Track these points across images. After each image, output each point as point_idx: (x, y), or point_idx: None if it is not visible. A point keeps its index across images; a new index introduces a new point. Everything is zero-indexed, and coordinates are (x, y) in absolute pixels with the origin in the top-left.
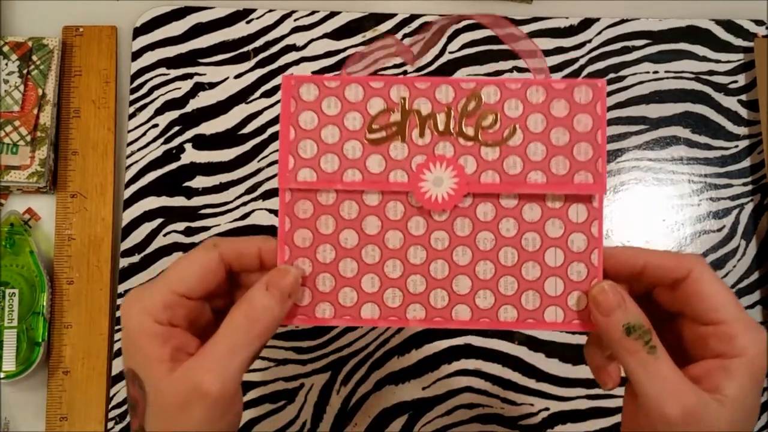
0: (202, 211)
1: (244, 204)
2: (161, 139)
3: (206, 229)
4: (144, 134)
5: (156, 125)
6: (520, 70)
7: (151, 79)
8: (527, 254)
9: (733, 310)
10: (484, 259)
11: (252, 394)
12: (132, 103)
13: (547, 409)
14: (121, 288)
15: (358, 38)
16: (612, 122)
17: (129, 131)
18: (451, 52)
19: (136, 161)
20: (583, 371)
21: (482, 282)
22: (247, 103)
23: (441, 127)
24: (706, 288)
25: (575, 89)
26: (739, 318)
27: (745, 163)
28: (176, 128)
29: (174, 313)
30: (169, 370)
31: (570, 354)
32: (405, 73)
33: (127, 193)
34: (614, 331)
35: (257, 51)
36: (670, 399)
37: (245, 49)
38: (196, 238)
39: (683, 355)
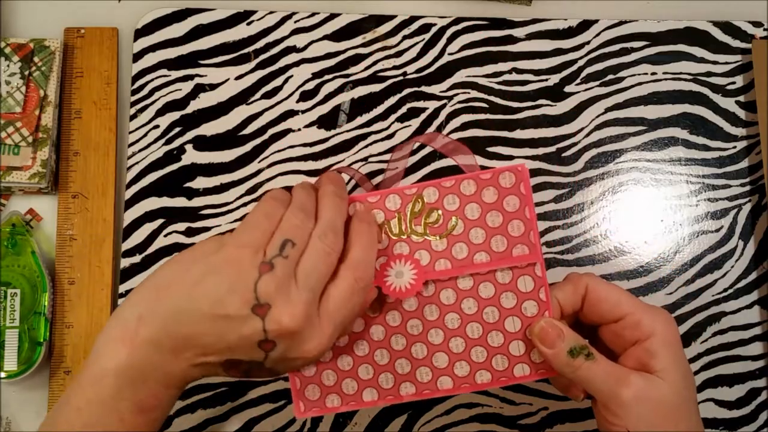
0: (203, 212)
1: (245, 204)
2: (162, 140)
3: (207, 229)
4: (145, 135)
5: (157, 126)
6: (519, 71)
7: (152, 80)
8: (490, 326)
9: (630, 302)
10: (455, 336)
11: (252, 394)
12: (133, 104)
13: (545, 408)
14: (122, 288)
15: (359, 40)
16: (611, 123)
17: (130, 132)
18: (450, 54)
19: (137, 162)
20: None
21: (457, 355)
22: (248, 104)
23: (395, 230)
24: (602, 293)
25: (499, 176)
26: (637, 306)
27: (743, 164)
28: (177, 129)
29: None
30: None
31: None
32: (405, 74)
33: (128, 193)
34: (561, 358)
35: (258, 52)
36: (620, 388)
37: (246, 50)
38: (196, 239)
39: (613, 354)
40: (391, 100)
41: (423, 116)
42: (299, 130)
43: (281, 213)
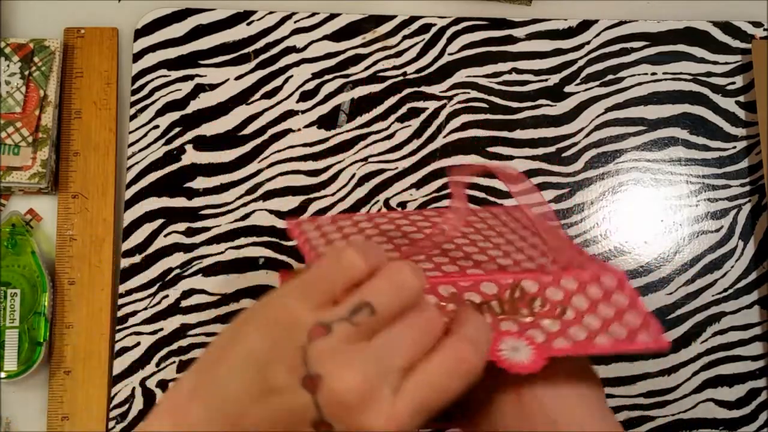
0: (203, 212)
1: (245, 205)
2: (162, 140)
3: (207, 229)
4: (145, 135)
5: (157, 126)
6: (519, 71)
7: (152, 80)
8: None
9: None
10: None
11: None
12: (133, 104)
13: None
14: (122, 288)
15: (358, 40)
16: (610, 123)
17: (130, 132)
18: (450, 54)
19: (137, 162)
20: None
21: None
22: (248, 104)
23: (497, 310)
24: None
25: (600, 278)
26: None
27: (743, 164)
28: (177, 129)
29: None
30: None
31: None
32: (405, 74)
33: (128, 193)
34: None
35: (258, 52)
36: None
37: (246, 50)
38: (196, 239)
39: None
40: (391, 100)
41: (423, 116)
42: (299, 130)
43: (364, 270)
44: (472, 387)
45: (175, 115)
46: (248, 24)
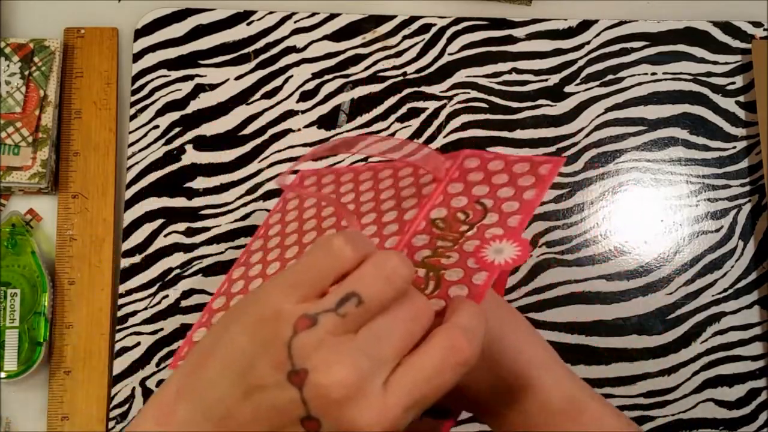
0: (203, 212)
1: (245, 205)
2: (162, 140)
3: (207, 229)
4: (145, 135)
5: (157, 126)
6: (519, 71)
7: (152, 80)
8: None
9: None
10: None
11: None
12: (133, 104)
13: None
14: (122, 288)
15: (358, 40)
16: (611, 123)
17: (130, 132)
18: (450, 54)
19: (137, 162)
20: (581, 371)
21: None
22: (248, 104)
23: (450, 243)
24: None
25: (464, 163)
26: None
27: (743, 164)
28: (177, 129)
29: None
30: None
31: (568, 354)
32: (405, 74)
33: (128, 193)
34: None
35: (258, 52)
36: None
37: (246, 50)
38: (196, 239)
39: None
40: (391, 100)
41: (423, 116)
42: (299, 130)
43: (353, 260)
44: (466, 377)
45: (175, 115)
46: (248, 24)
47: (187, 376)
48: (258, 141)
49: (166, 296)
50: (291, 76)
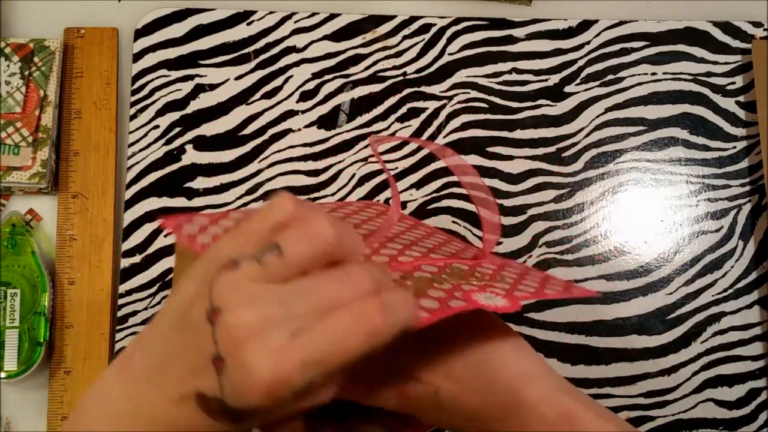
0: (203, 212)
1: (245, 205)
2: (162, 140)
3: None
4: (145, 135)
5: (157, 126)
6: (519, 71)
7: (152, 80)
8: None
9: None
10: None
11: None
12: (133, 104)
13: None
14: (122, 288)
15: (358, 40)
16: (611, 123)
17: (130, 132)
18: (450, 54)
19: (137, 162)
20: (581, 371)
21: None
22: (248, 104)
23: (452, 279)
24: None
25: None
26: None
27: (743, 164)
28: (177, 129)
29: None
30: None
31: (568, 354)
32: (405, 74)
33: (129, 193)
34: None
35: (258, 52)
36: None
37: (246, 50)
38: None
39: None
40: (391, 100)
41: (423, 116)
42: (299, 130)
43: (290, 216)
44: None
45: (175, 115)
46: (248, 24)
47: (147, 326)
48: (258, 141)
49: (166, 296)
50: (291, 76)
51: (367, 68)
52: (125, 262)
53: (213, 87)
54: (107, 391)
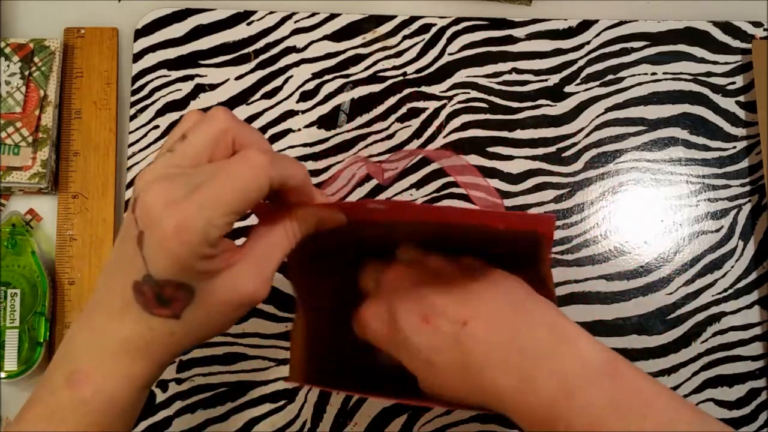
0: None
1: None
2: (162, 141)
3: None
4: (145, 135)
5: (157, 126)
6: (519, 71)
7: (152, 80)
8: None
9: None
10: None
11: (252, 394)
12: (133, 104)
13: None
14: None
15: (358, 40)
16: (610, 123)
17: (130, 132)
18: (450, 54)
19: (138, 162)
20: None
21: None
22: (248, 104)
23: None
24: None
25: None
26: None
27: (743, 164)
28: None
29: (222, 236)
30: (223, 273)
31: None
32: (405, 74)
33: (129, 193)
34: None
35: (258, 53)
36: None
37: (246, 50)
38: None
39: None
40: (391, 100)
41: (423, 116)
42: (299, 130)
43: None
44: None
45: (175, 116)
46: (248, 24)
47: None
48: None
49: None
50: (291, 76)
51: (367, 68)
52: None
53: (213, 87)
54: (70, 336)
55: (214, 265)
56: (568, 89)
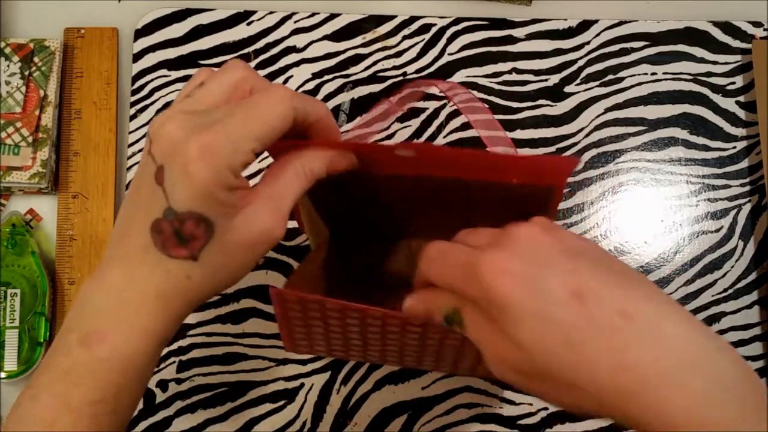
0: None
1: None
2: None
3: None
4: (145, 135)
5: None
6: (519, 71)
7: (152, 80)
8: None
9: None
10: None
11: (252, 394)
12: (133, 104)
13: (545, 408)
14: None
15: (358, 40)
16: (610, 123)
17: (130, 132)
18: (450, 54)
19: (138, 162)
20: None
21: None
22: None
23: None
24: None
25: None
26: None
27: (743, 164)
28: None
29: (245, 166)
30: (240, 213)
31: None
32: (405, 74)
33: None
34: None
35: (258, 52)
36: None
37: (246, 50)
38: None
39: None
40: None
41: (423, 116)
42: None
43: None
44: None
45: None
46: (248, 24)
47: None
48: None
49: None
50: (291, 76)
51: (367, 68)
52: None
53: None
54: (82, 298)
55: (235, 199)
56: (568, 89)
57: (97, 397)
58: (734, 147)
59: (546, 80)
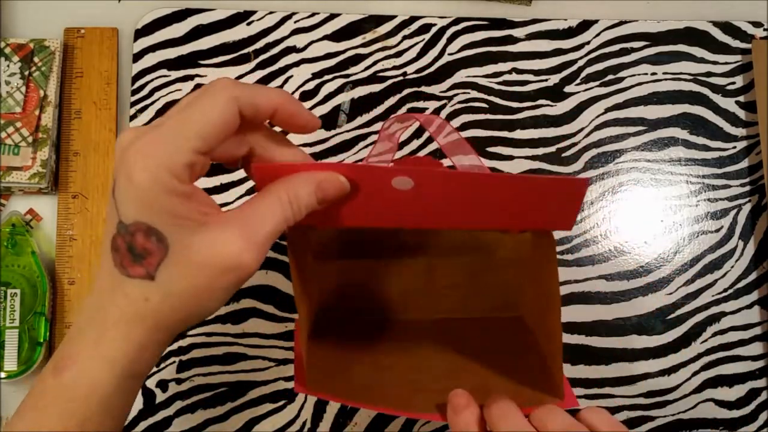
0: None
1: None
2: None
3: None
4: None
5: None
6: (519, 71)
7: (152, 80)
8: None
9: None
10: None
11: (252, 394)
12: (133, 104)
13: None
14: None
15: (358, 40)
16: (610, 123)
17: None
18: (450, 54)
19: None
20: (581, 371)
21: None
22: None
23: None
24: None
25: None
26: None
27: (743, 164)
28: None
29: (193, 171)
30: (200, 227)
31: (568, 355)
32: (405, 74)
33: None
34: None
35: (258, 53)
36: None
37: (246, 50)
38: None
39: None
40: (391, 100)
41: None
42: None
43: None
44: None
45: None
46: (248, 24)
47: None
48: None
49: None
50: (291, 76)
51: (367, 68)
52: None
53: None
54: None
55: (186, 210)
56: (568, 89)
57: (59, 428)
58: (734, 147)
59: (546, 80)
